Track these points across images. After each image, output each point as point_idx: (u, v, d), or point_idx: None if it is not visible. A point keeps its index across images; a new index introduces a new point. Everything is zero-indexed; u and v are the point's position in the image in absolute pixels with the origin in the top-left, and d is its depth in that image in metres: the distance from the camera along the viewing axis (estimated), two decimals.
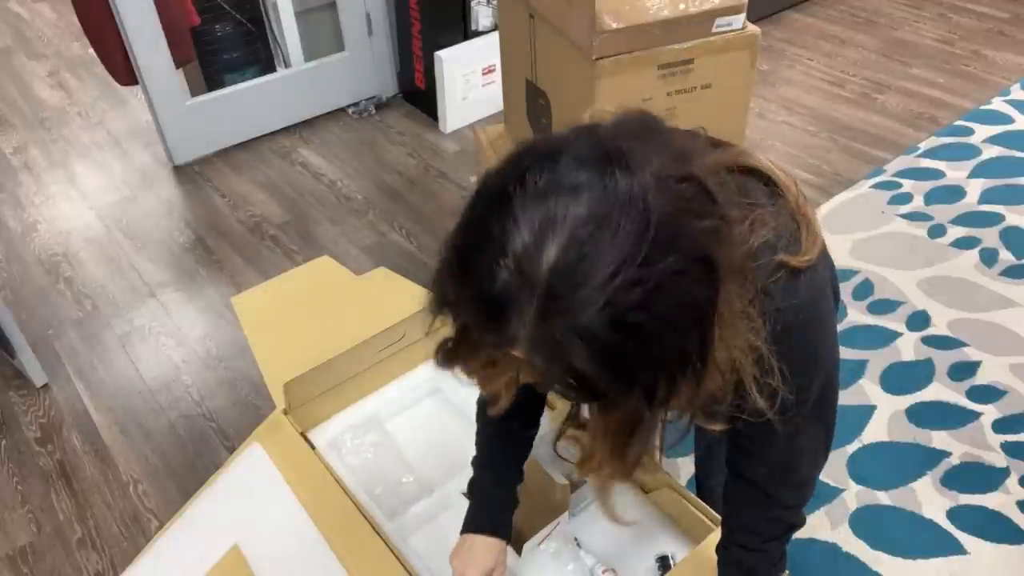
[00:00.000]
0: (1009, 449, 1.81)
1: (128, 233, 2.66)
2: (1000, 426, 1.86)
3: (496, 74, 3.05)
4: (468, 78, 3.01)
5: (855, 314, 2.18)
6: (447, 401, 1.42)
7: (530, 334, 0.59)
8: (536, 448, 1.23)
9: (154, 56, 2.72)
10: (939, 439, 1.85)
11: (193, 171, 2.95)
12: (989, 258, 2.34)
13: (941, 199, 2.59)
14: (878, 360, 2.05)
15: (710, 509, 1.15)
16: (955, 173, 2.70)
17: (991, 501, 1.72)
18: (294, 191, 2.82)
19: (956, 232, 2.44)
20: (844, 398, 0.88)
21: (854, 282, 2.29)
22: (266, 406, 1.97)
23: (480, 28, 3.02)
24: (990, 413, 1.89)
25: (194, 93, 2.99)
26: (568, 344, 0.57)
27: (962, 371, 2.00)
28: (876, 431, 1.87)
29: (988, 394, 1.94)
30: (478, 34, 3.03)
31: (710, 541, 1.08)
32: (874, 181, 2.70)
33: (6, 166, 3.03)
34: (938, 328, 2.12)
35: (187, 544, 1.21)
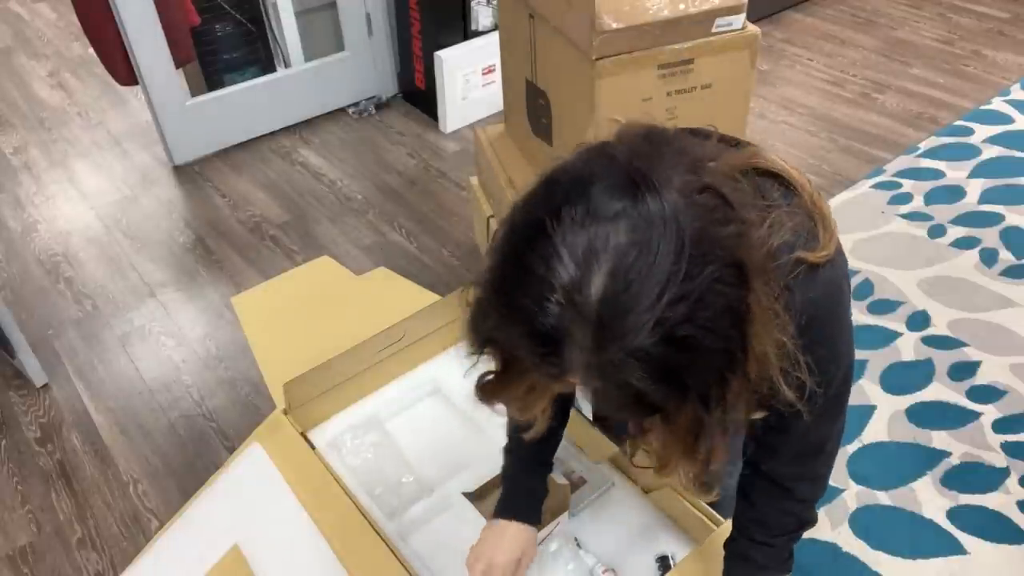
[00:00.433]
0: (1009, 449, 1.81)
1: (128, 233, 2.66)
2: (1000, 426, 1.86)
3: (496, 74, 3.05)
4: (468, 78, 3.01)
5: (855, 314, 2.18)
6: (447, 401, 1.42)
7: (587, 362, 0.61)
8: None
9: (154, 56, 2.72)
10: (939, 439, 1.85)
11: (193, 171, 2.95)
12: (989, 258, 2.34)
13: (941, 199, 2.59)
14: (878, 360, 2.05)
15: (710, 509, 1.15)
16: (955, 173, 2.70)
17: (991, 501, 1.72)
18: (294, 191, 2.82)
19: (956, 232, 2.44)
20: None
21: (854, 282, 2.29)
22: (266, 406, 1.96)
23: (480, 28, 3.02)
24: (990, 413, 1.89)
25: (194, 93, 2.99)
26: (624, 367, 0.60)
27: (962, 371, 2.00)
28: (876, 431, 1.87)
29: (988, 394, 1.94)
30: (478, 34, 3.03)
31: (710, 541, 1.08)
32: (874, 181, 2.70)
33: (6, 166, 3.03)
34: (938, 328, 2.12)
35: (187, 544, 1.21)
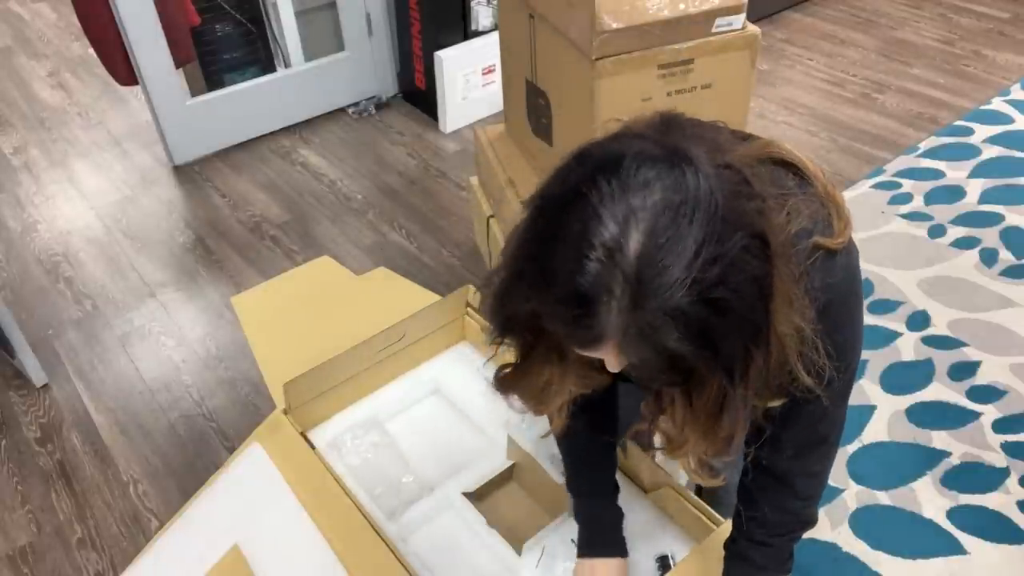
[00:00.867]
0: (1009, 449, 1.81)
1: (128, 233, 2.66)
2: (1000, 426, 1.86)
3: (496, 74, 3.05)
4: (468, 78, 3.01)
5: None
6: (447, 401, 1.42)
7: (623, 322, 0.61)
8: (536, 448, 1.23)
9: (154, 56, 2.72)
10: (939, 439, 1.85)
11: (193, 171, 2.95)
12: (989, 258, 2.34)
13: (941, 199, 2.59)
14: (878, 360, 2.05)
15: (710, 509, 1.15)
16: (955, 173, 2.70)
17: (991, 501, 1.72)
18: (294, 191, 2.82)
19: (956, 232, 2.44)
20: None
21: None
22: (266, 406, 1.96)
23: (480, 28, 3.02)
24: (990, 413, 1.89)
25: (194, 93, 2.99)
26: (661, 327, 0.61)
27: (962, 371, 2.00)
28: (876, 431, 1.87)
29: (988, 394, 1.94)
30: (478, 34, 3.03)
31: (710, 541, 1.08)
32: (874, 181, 2.70)
33: (6, 166, 3.03)
34: (938, 328, 2.12)
35: (187, 544, 1.21)
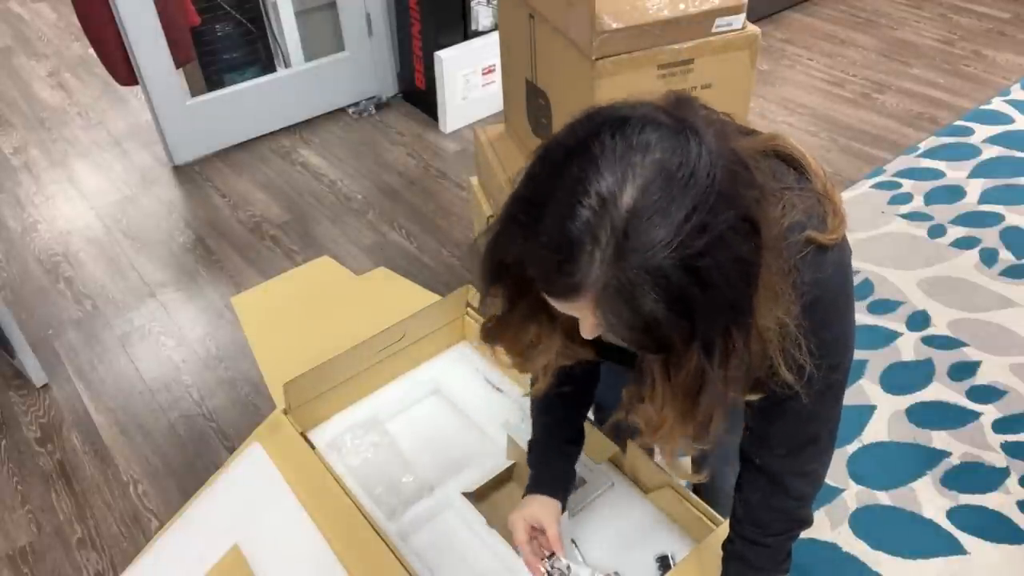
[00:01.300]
0: (1009, 449, 1.81)
1: (128, 233, 2.66)
2: (1000, 426, 1.86)
3: (496, 74, 3.05)
4: (468, 78, 3.01)
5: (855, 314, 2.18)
6: (447, 401, 1.42)
7: (604, 274, 0.61)
8: None
9: (154, 56, 2.72)
10: (939, 439, 1.85)
11: (193, 171, 2.95)
12: (989, 258, 2.34)
13: (941, 199, 2.59)
14: (878, 360, 2.05)
15: (710, 509, 1.15)
16: (955, 173, 2.70)
17: (991, 501, 1.72)
18: (294, 191, 2.82)
19: (956, 232, 2.44)
20: (844, 398, 0.89)
21: (854, 282, 2.29)
22: (266, 406, 1.97)
23: (480, 28, 3.02)
24: (990, 413, 1.89)
25: (194, 93, 2.99)
26: (640, 283, 0.61)
27: (962, 371, 2.00)
28: (876, 431, 1.87)
29: (988, 394, 1.94)
30: (478, 34, 3.03)
31: (710, 541, 1.08)
32: (874, 181, 2.70)
33: (6, 166, 3.04)
34: (938, 328, 2.12)
35: (187, 544, 1.21)
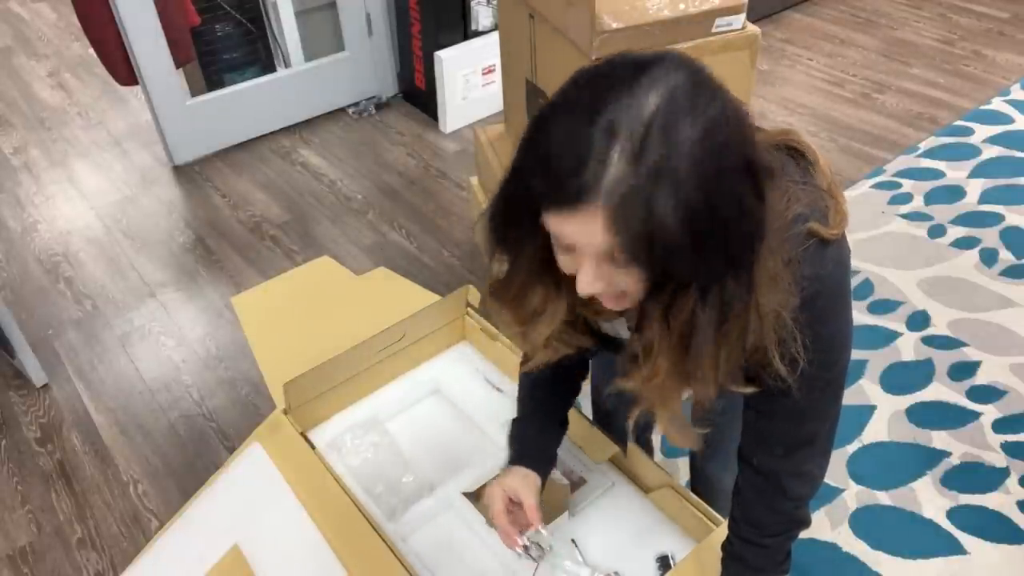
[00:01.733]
0: (1009, 449, 1.81)
1: (128, 233, 2.66)
2: (1000, 426, 1.86)
3: (496, 74, 3.05)
4: (468, 78, 3.01)
5: (855, 314, 2.18)
6: (447, 401, 1.42)
7: (620, 173, 0.60)
8: None
9: (154, 56, 2.72)
10: (939, 439, 1.85)
11: (193, 171, 2.95)
12: (989, 258, 2.34)
13: (941, 199, 2.59)
14: (878, 360, 2.05)
15: (710, 509, 1.15)
16: (955, 173, 2.70)
17: (991, 501, 1.72)
18: (294, 191, 2.82)
19: (956, 232, 2.44)
20: (844, 398, 0.89)
21: (854, 282, 2.29)
22: (266, 406, 1.97)
23: (480, 28, 3.02)
24: (990, 413, 1.89)
25: (194, 93, 2.99)
26: (654, 191, 0.60)
27: (962, 371, 2.00)
28: (876, 431, 1.87)
29: (988, 394, 1.94)
30: (478, 34, 3.03)
31: (710, 541, 1.08)
32: (874, 181, 2.70)
33: (6, 166, 3.04)
34: (938, 328, 2.12)
35: (187, 544, 1.21)
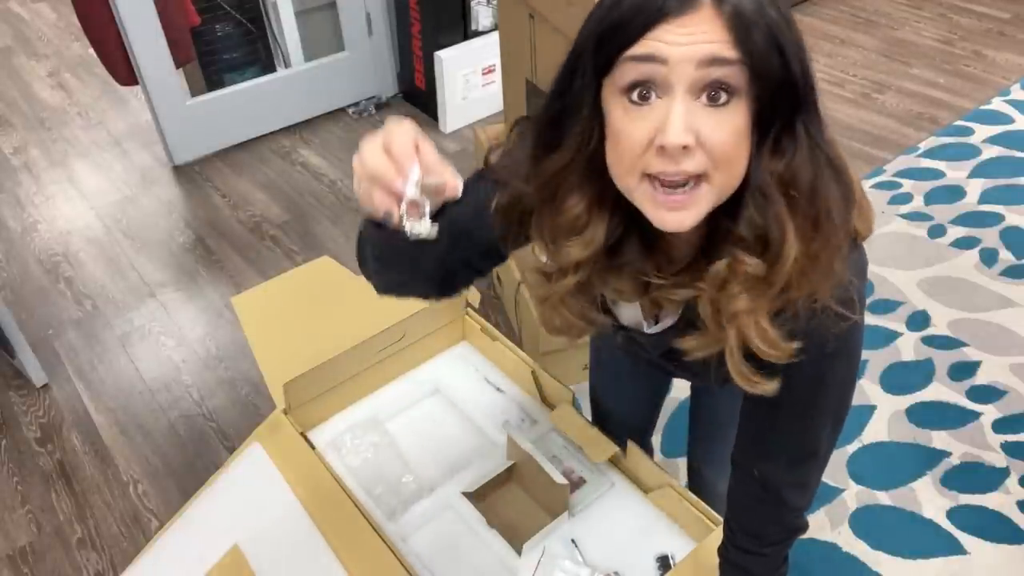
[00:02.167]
0: (1009, 449, 1.81)
1: (128, 233, 2.66)
2: (1000, 426, 1.86)
3: (496, 74, 3.05)
4: (468, 78, 3.01)
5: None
6: (447, 401, 1.42)
7: None
8: (536, 448, 1.23)
9: (154, 56, 2.72)
10: (939, 439, 1.85)
11: (193, 171, 2.95)
12: (989, 258, 2.34)
13: (941, 199, 2.59)
14: (878, 360, 2.05)
15: (710, 509, 1.15)
16: (955, 173, 2.70)
17: (991, 501, 1.72)
18: (294, 191, 2.82)
19: (956, 232, 2.44)
20: None
21: None
22: (266, 406, 1.97)
23: (480, 28, 3.02)
24: (990, 413, 1.89)
25: (194, 93, 2.99)
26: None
27: (962, 371, 2.00)
28: (876, 431, 1.87)
29: (988, 394, 1.94)
30: (478, 34, 3.03)
31: (710, 541, 1.08)
32: (874, 181, 2.70)
33: (6, 166, 3.04)
34: (938, 328, 2.12)
35: (187, 544, 1.21)
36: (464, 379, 1.45)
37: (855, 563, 1.62)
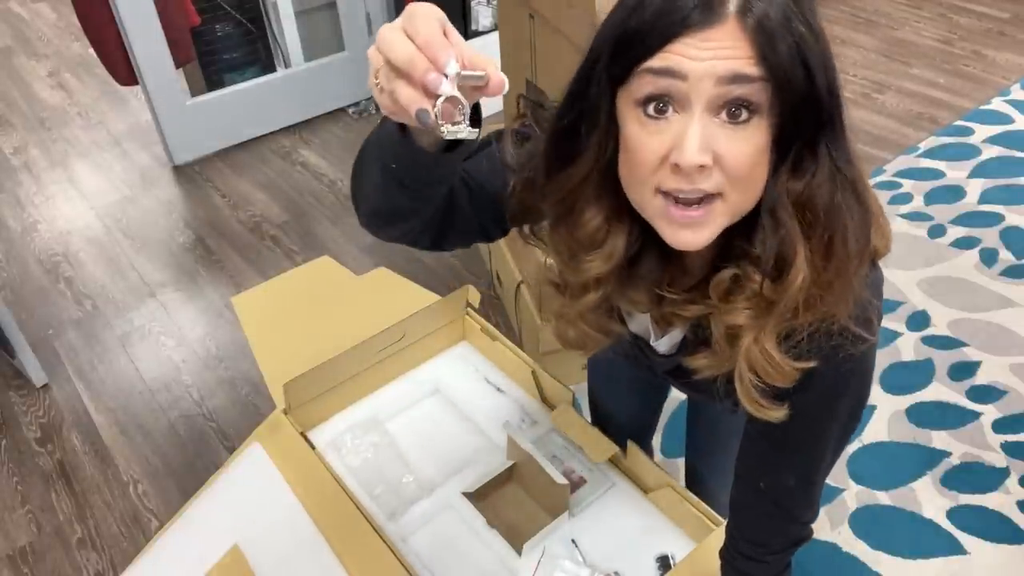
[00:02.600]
0: (1009, 449, 1.81)
1: (128, 233, 2.66)
2: (1000, 426, 1.86)
3: None
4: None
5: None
6: (447, 401, 1.42)
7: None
8: (536, 448, 1.23)
9: (154, 56, 2.72)
10: (939, 439, 1.85)
11: (193, 171, 2.95)
12: (989, 258, 2.34)
13: (941, 199, 2.59)
14: (878, 360, 2.03)
15: (710, 509, 1.15)
16: (955, 173, 2.70)
17: (991, 501, 1.72)
18: (294, 191, 2.82)
19: (956, 232, 2.44)
20: None
21: None
22: (266, 406, 1.97)
23: (480, 28, 3.02)
24: (990, 413, 1.89)
25: (194, 93, 2.99)
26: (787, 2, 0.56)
27: (962, 371, 2.00)
28: (876, 431, 1.87)
29: (988, 394, 1.94)
30: (478, 34, 3.03)
31: (710, 541, 1.08)
32: (874, 181, 2.70)
33: (6, 166, 3.03)
34: (938, 328, 2.12)
35: (187, 544, 1.21)
36: (464, 379, 1.45)
37: (855, 563, 1.62)
